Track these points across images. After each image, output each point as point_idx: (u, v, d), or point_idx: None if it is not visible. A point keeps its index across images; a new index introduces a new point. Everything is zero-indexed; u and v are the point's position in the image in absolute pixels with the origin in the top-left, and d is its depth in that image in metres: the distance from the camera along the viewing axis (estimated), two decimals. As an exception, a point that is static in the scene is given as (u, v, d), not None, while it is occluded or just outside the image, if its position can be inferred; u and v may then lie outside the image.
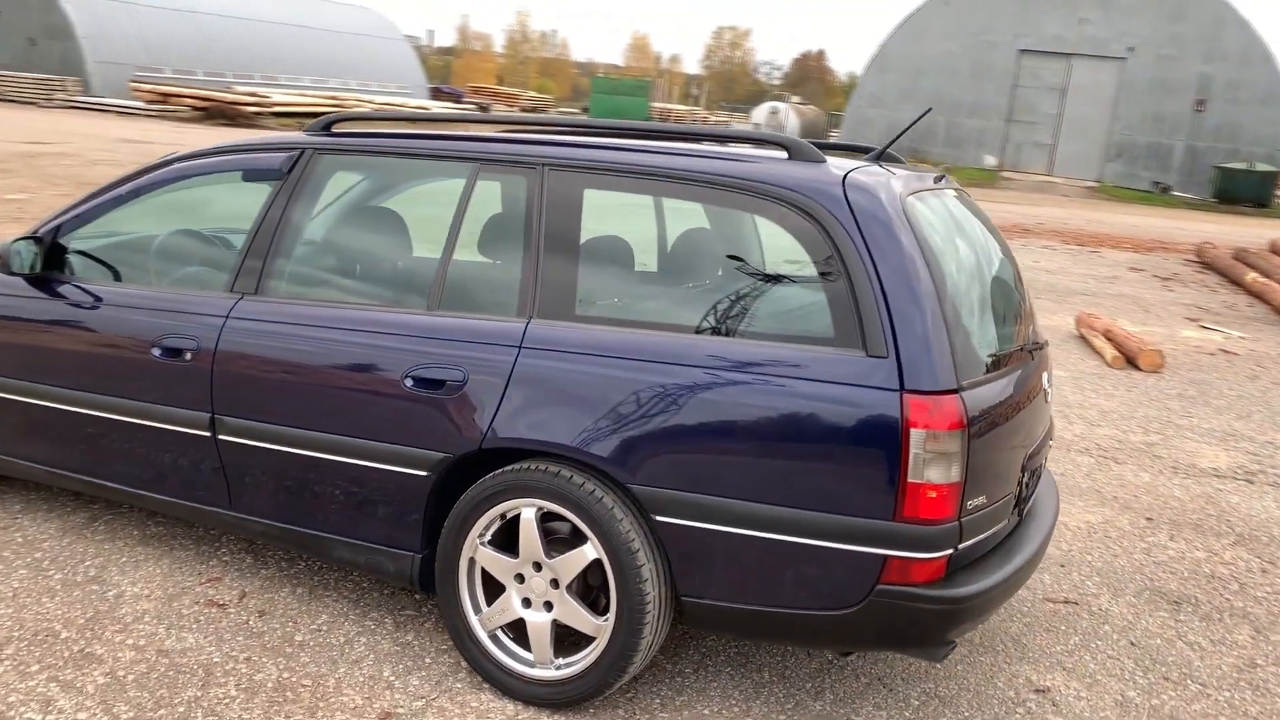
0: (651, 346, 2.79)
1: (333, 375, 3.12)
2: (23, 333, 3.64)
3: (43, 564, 3.56)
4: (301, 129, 3.59)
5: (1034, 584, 4.02)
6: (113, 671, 2.95)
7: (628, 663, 2.81)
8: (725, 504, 2.70)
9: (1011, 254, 3.57)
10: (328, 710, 2.86)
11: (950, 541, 2.63)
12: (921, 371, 2.59)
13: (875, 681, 3.23)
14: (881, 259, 2.66)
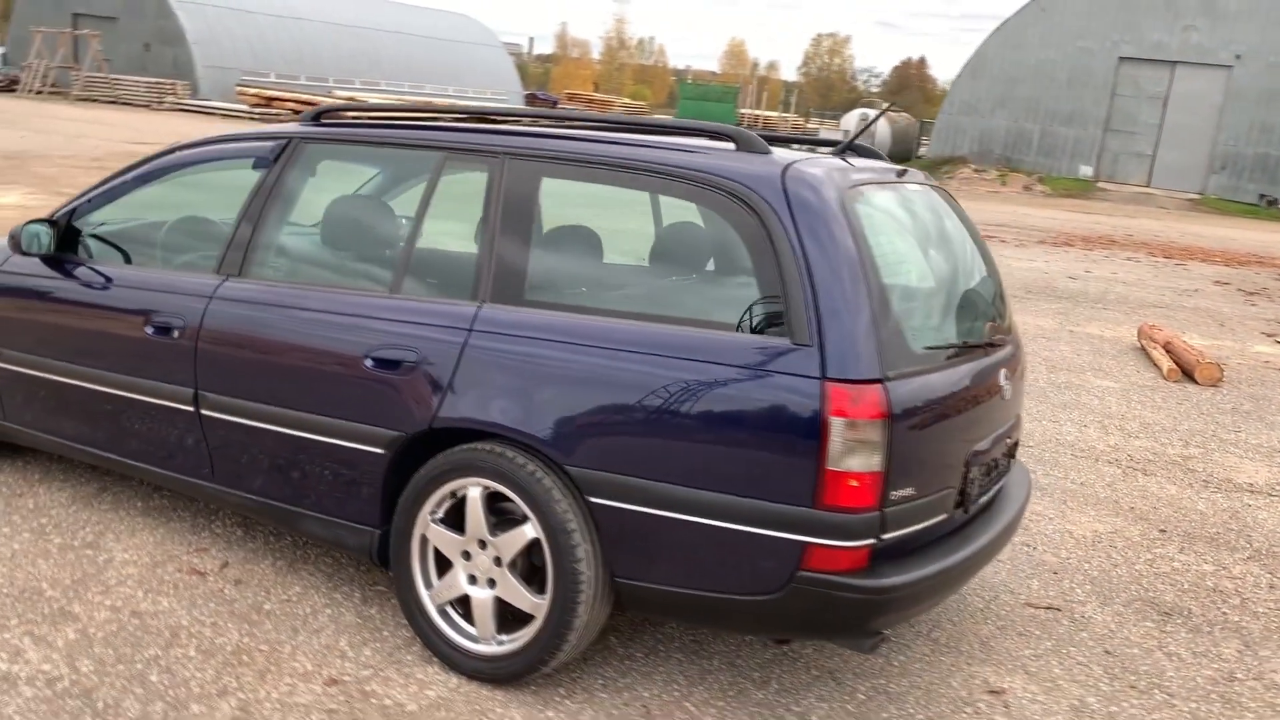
0: (587, 331, 2.85)
1: (303, 354, 3.24)
2: (37, 310, 3.86)
3: (46, 529, 3.77)
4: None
5: (1017, 588, 3.97)
6: (84, 629, 3.12)
7: (562, 641, 2.87)
8: (655, 487, 2.74)
9: (987, 253, 3.54)
10: (277, 674, 2.98)
11: (871, 531, 2.63)
12: (844, 360, 2.59)
13: (825, 674, 3.23)
14: (812, 248, 2.68)
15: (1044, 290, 12.29)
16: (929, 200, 3.36)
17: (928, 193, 3.38)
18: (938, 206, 3.40)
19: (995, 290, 3.45)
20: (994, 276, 3.51)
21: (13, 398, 3.97)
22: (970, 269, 3.34)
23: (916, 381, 2.72)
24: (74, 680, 2.85)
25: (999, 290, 3.50)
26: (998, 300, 3.43)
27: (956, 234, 3.37)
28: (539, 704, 2.94)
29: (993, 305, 3.34)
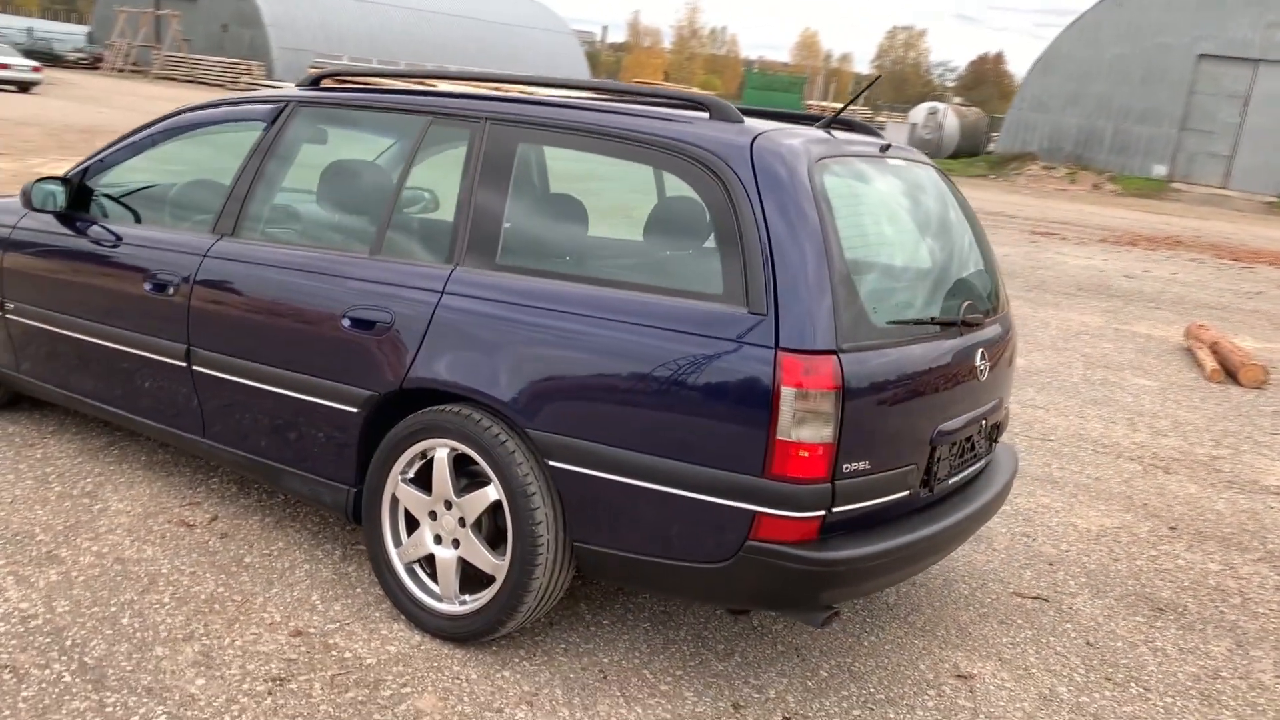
0: (549, 295, 2.86)
1: (286, 313, 3.30)
2: (48, 266, 3.98)
3: (49, 478, 3.89)
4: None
5: (1008, 578, 3.90)
6: (67, 572, 3.22)
7: (519, 603, 2.89)
8: (611, 452, 2.75)
9: (978, 234, 3.48)
10: (245, 623, 3.04)
11: (821, 503, 2.60)
12: (798, 331, 2.57)
13: (790, 650, 3.22)
14: (774, 218, 2.66)
15: (1096, 288, 12.03)
16: (915, 177, 3.32)
17: (915, 169, 3.33)
18: (924, 184, 3.35)
19: (981, 271, 3.39)
20: (984, 257, 3.45)
21: (25, 351, 4.11)
22: (952, 248, 3.29)
23: (875, 355, 2.69)
24: (48, 619, 2.95)
25: (988, 272, 3.45)
26: (983, 281, 3.37)
27: (941, 212, 3.32)
28: (497, 664, 2.97)
29: (974, 285, 3.28)
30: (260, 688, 2.74)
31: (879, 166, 3.15)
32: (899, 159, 3.25)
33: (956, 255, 3.29)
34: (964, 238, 3.36)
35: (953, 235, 3.31)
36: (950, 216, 3.35)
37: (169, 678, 2.74)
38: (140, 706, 2.60)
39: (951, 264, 3.26)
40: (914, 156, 3.39)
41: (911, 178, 3.30)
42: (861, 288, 2.74)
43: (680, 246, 2.96)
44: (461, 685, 2.85)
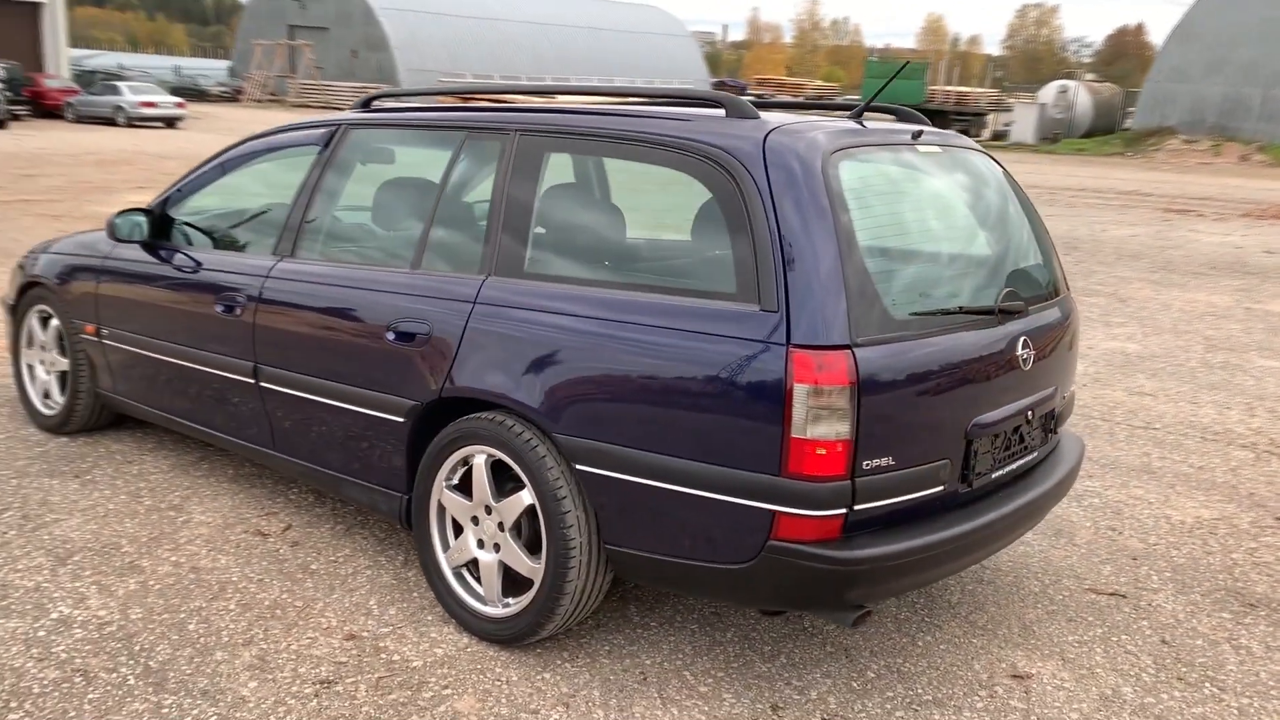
0: (572, 300, 2.89)
1: (337, 328, 3.43)
2: (133, 292, 4.22)
3: (141, 493, 4.12)
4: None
5: (1085, 573, 3.75)
6: (145, 581, 3.41)
7: (555, 605, 2.93)
8: (634, 454, 2.76)
9: (1027, 218, 3.36)
10: (303, 628, 3.17)
11: (841, 501, 2.56)
12: (809, 326, 2.54)
13: (839, 650, 3.16)
14: (784, 214, 2.63)
15: (1230, 266, 11.41)
16: (952, 162, 3.22)
17: (953, 155, 3.24)
18: (963, 169, 3.25)
19: (1029, 256, 3.27)
20: (1034, 242, 3.33)
21: (120, 373, 4.36)
22: (991, 233, 3.18)
23: (894, 348, 2.62)
24: (121, 625, 3.13)
25: (1038, 256, 3.32)
26: (1030, 267, 3.25)
27: (980, 197, 3.22)
28: (540, 665, 3.02)
29: (1017, 271, 3.16)
30: (308, 690, 2.85)
31: (909, 154, 3.07)
32: (933, 145, 3.16)
33: (995, 241, 3.19)
34: (1007, 223, 3.25)
35: (992, 220, 3.21)
36: (991, 201, 3.24)
37: (224, 680, 2.87)
38: (194, 708, 2.74)
39: (989, 250, 3.15)
40: (953, 141, 3.29)
41: (948, 163, 3.21)
42: (879, 280, 2.68)
43: (697, 246, 2.94)
44: (501, 687, 2.91)
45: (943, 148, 3.21)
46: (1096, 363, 6.97)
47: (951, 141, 3.29)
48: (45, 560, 3.51)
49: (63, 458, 4.45)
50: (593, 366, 2.82)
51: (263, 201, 4.19)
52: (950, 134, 3.34)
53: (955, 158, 3.25)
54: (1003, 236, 3.22)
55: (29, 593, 3.30)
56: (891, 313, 2.67)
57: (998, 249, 3.19)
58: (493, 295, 3.06)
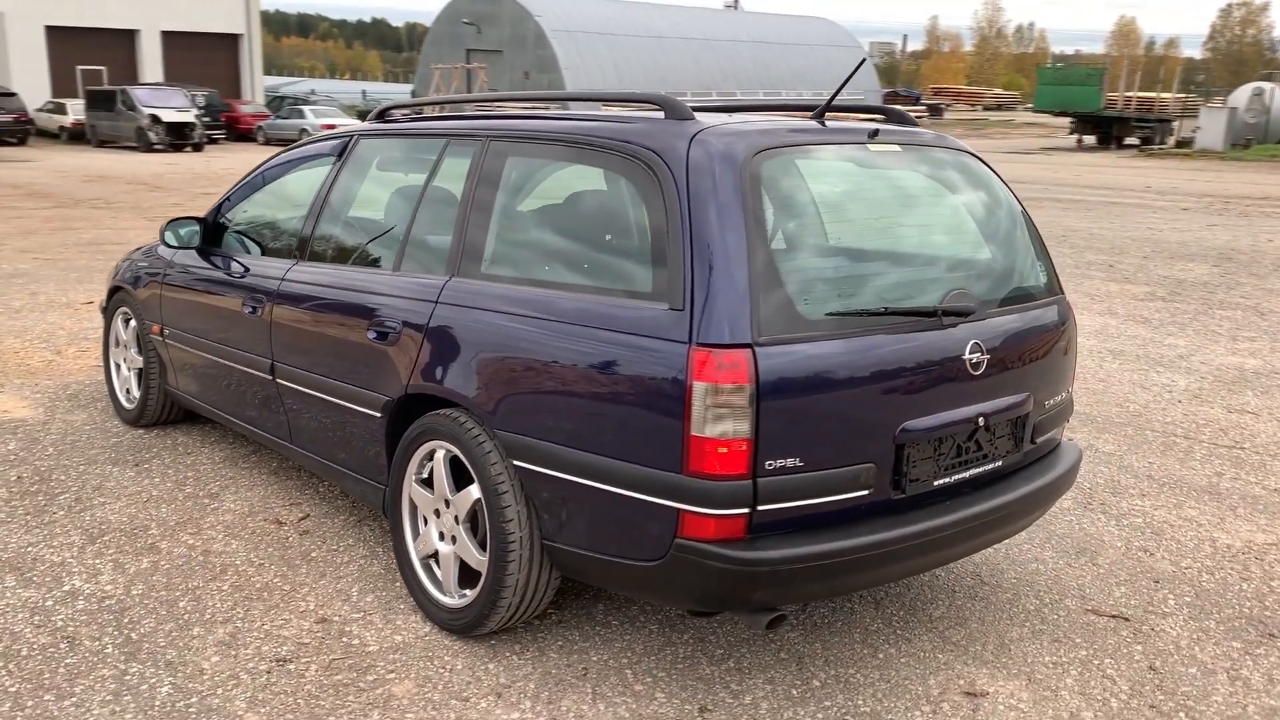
0: (510, 300, 2.97)
1: (333, 327, 3.61)
2: (187, 294, 4.55)
3: (186, 481, 4.43)
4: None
5: (1093, 593, 3.55)
6: (158, 561, 3.67)
7: (498, 598, 3.00)
8: (561, 451, 2.81)
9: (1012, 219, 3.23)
10: (281, 610, 3.35)
11: (742, 500, 2.53)
12: (710, 325, 2.53)
13: (793, 658, 3.11)
14: (695, 214, 2.63)
15: (1401, 277, 10.45)
16: (917, 161, 3.13)
17: (919, 154, 3.15)
18: (930, 168, 3.15)
19: (999, 259, 3.14)
20: (1011, 244, 3.20)
21: (180, 371, 4.70)
22: (953, 234, 3.08)
23: (802, 349, 2.58)
24: (120, 599, 3.38)
25: (1015, 259, 3.19)
26: (996, 269, 3.12)
27: (944, 197, 3.11)
28: (488, 656, 3.09)
29: (975, 273, 3.04)
30: (263, 667, 3.01)
31: (860, 153, 3.01)
32: (892, 144, 3.08)
33: (954, 242, 3.08)
34: (976, 223, 3.13)
35: (954, 221, 3.10)
36: (958, 202, 3.13)
37: (191, 654, 3.07)
38: (154, 676, 2.94)
39: (942, 251, 3.05)
40: (923, 140, 3.20)
41: (909, 162, 3.12)
42: (793, 280, 2.64)
43: (625, 246, 2.97)
44: (443, 674, 3.00)
45: (905, 146, 3.12)
46: (1204, 378, 6.54)
47: (921, 140, 3.20)
48: (79, 538, 3.83)
49: (131, 448, 4.82)
50: (526, 365, 2.89)
51: (291, 207, 4.43)
52: (924, 133, 3.25)
53: (921, 156, 3.16)
54: (966, 237, 3.11)
55: (53, 566, 3.60)
56: (804, 313, 2.62)
57: (955, 250, 3.08)
58: (452, 296, 3.17)
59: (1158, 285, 9.87)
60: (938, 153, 3.23)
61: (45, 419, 5.22)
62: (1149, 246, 12.49)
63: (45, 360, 6.40)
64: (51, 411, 5.34)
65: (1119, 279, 10.18)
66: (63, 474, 4.47)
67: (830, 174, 2.98)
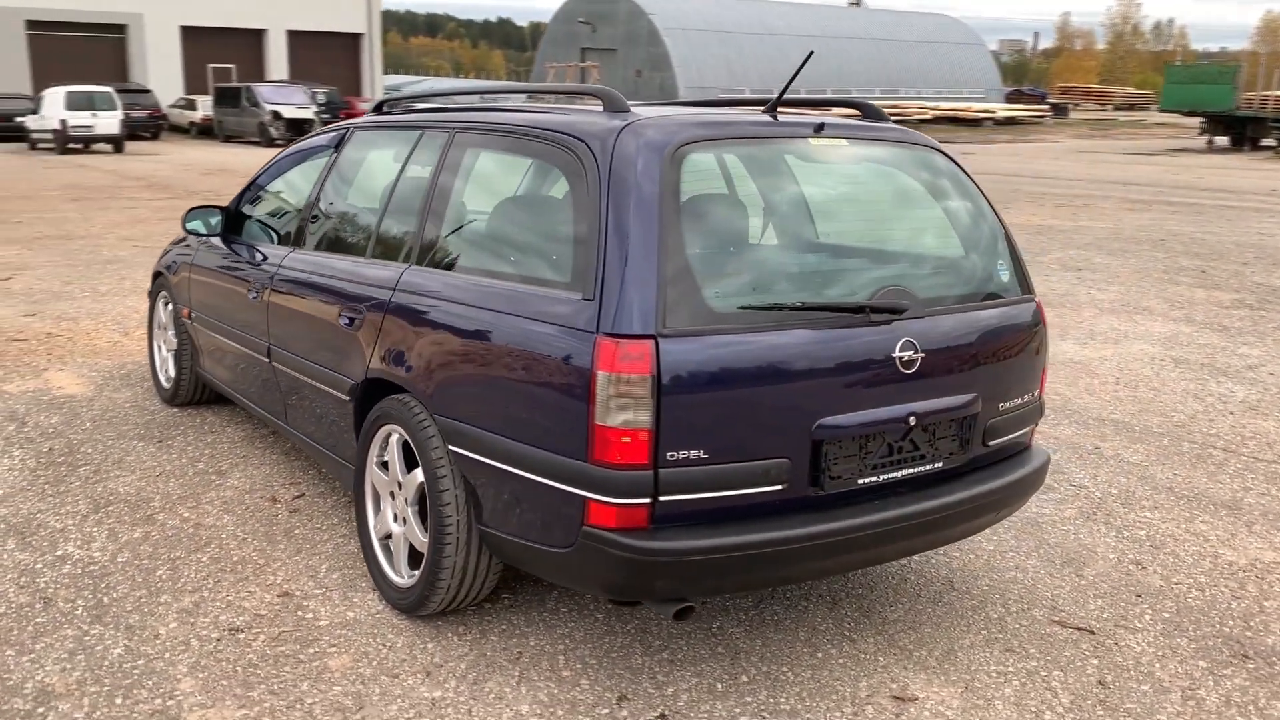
0: (449, 287, 3.03)
1: (314, 312, 3.74)
2: (204, 280, 4.75)
3: (200, 458, 4.63)
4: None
5: (1065, 604, 3.44)
6: (148, 532, 3.85)
7: (436, 580, 3.06)
8: (489, 437, 2.86)
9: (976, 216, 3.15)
10: (251, 583, 3.48)
11: (644, 490, 2.54)
12: (616, 315, 2.54)
13: (729, 653, 3.10)
14: (612, 205, 2.65)
15: None
16: (866, 156, 3.08)
17: (866, 148, 3.09)
18: (881, 163, 3.09)
19: (955, 256, 3.06)
20: (972, 242, 3.12)
21: (203, 352, 4.92)
22: (899, 230, 3.01)
23: (709, 341, 2.57)
24: (104, 565, 3.57)
25: (974, 257, 3.11)
26: (955, 266, 3.04)
27: (885, 194, 3.05)
28: (430, 635, 3.17)
29: (915, 270, 2.97)
30: (215, 635, 3.15)
31: (803, 146, 2.97)
32: (839, 139, 3.02)
33: (897, 238, 3.01)
34: (925, 220, 3.06)
35: (899, 217, 3.03)
36: (907, 198, 3.07)
37: (153, 620, 3.22)
38: (110, 638, 3.10)
39: (881, 246, 2.99)
40: (881, 136, 3.13)
41: (858, 157, 3.07)
42: (704, 273, 2.63)
43: (555, 235, 2.99)
44: (381, 651, 3.08)
45: (856, 141, 3.07)
46: (1267, 390, 6.21)
47: (881, 136, 3.14)
48: (85, 507, 4.05)
49: (161, 425, 5.06)
50: (459, 352, 2.95)
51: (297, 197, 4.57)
52: (889, 129, 3.19)
53: (878, 152, 3.11)
54: (913, 234, 3.04)
55: (53, 532, 3.82)
56: (714, 306, 2.61)
57: (899, 246, 3.02)
58: (406, 284, 3.25)
59: (1248, 293, 9.40)
60: (900, 149, 3.17)
61: (93, 396, 5.52)
62: (1252, 252, 11.90)
63: (112, 341, 6.75)
64: (100, 389, 5.64)
65: (1207, 285, 9.73)
66: (90, 447, 4.72)
67: (766, 168, 2.96)
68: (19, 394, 5.53)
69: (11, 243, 11.18)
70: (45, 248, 10.85)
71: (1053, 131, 43.19)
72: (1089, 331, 7.66)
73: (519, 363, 2.77)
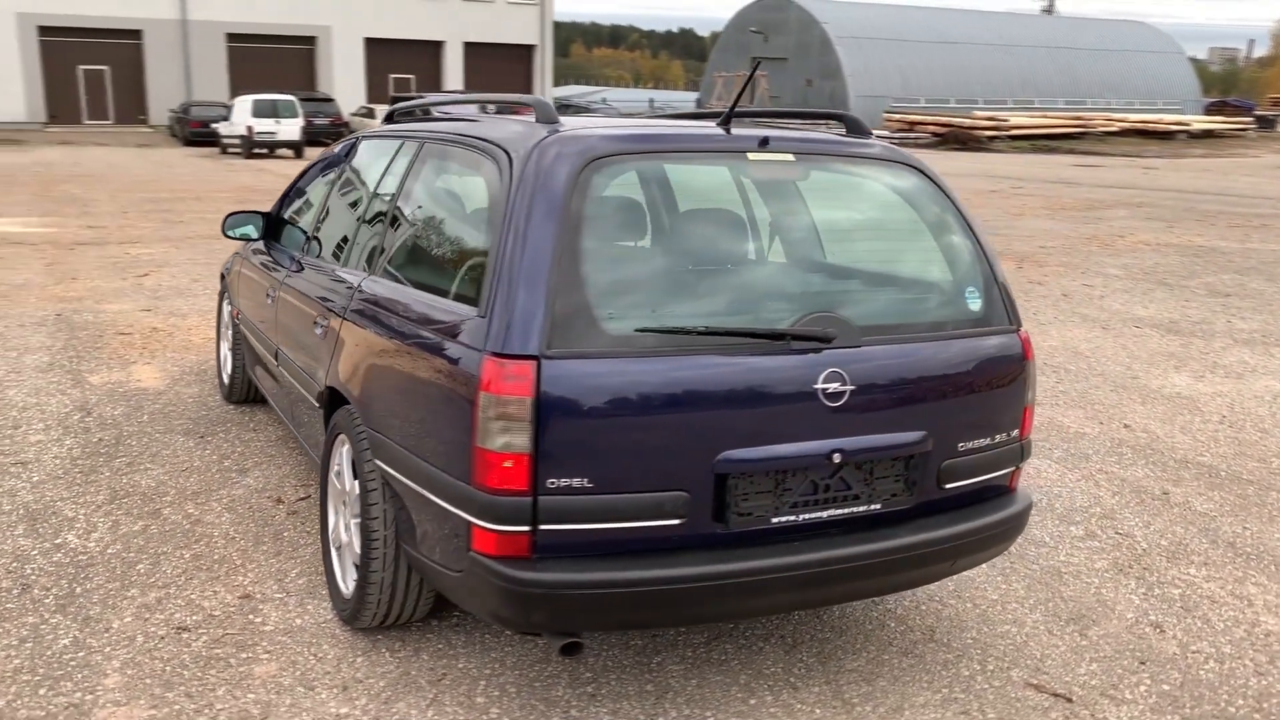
0: (377, 300, 3.00)
1: (301, 318, 3.78)
2: (247, 283, 4.89)
3: (229, 456, 4.76)
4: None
5: (1051, 668, 3.12)
6: (148, 526, 3.97)
7: (365, 595, 3.03)
8: (402, 453, 2.80)
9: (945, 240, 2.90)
10: (220, 582, 3.53)
11: (522, 518, 2.43)
12: (502, 334, 2.45)
13: (656, 691, 2.94)
14: (513, 220, 2.55)
15: None
16: (814, 171, 2.87)
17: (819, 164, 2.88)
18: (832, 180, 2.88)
19: (886, 280, 2.83)
20: (910, 266, 2.87)
21: (247, 351, 5.07)
22: (836, 252, 2.78)
23: (597, 364, 2.43)
24: (93, 556, 3.69)
25: (911, 282, 2.86)
26: (886, 291, 2.80)
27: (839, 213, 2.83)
28: (365, 649, 3.13)
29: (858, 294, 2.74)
30: (163, 631, 3.20)
31: (739, 163, 2.79)
32: (787, 154, 2.82)
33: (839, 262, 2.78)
34: (881, 244, 2.83)
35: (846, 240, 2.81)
36: (863, 219, 2.84)
37: (111, 613, 3.31)
38: (64, 627, 3.20)
39: (817, 271, 2.76)
40: (837, 150, 2.92)
41: (805, 173, 2.86)
42: (600, 293, 2.50)
43: (469, 249, 2.90)
44: (309, 661, 3.07)
45: (806, 156, 2.86)
46: (1398, 437, 5.54)
47: (836, 150, 2.92)
48: (103, 498, 4.22)
49: (210, 421, 5.24)
50: (383, 364, 2.92)
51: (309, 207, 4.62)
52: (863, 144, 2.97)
53: (831, 167, 2.89)
54: (861, 258, 2.82)
55: (63, 520, 3.99)
56: (607, 328, 2.48)
57: (841, 271, 2.79)
58: (360, 293, 3.24)
59: None
60: (865, 165, 2.95)
61: (163, 390, 5.77)
62: None
63: (205, 338, 7.06)
64: (173, 384, 5.90)
65: (1371, 317, 8.80)
66: (136, 440, 4.93)
67: (701, 183, 2.79)
68: (99, 385, 5.84)
69: (164, 241, 11.90)
70: (192, 246, 11.50)
71: (1255, 146, 40.22)
72: (1211, 364, 7.04)
73: (427, 378, 2.71)
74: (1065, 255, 11.85)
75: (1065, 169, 27.05)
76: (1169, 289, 9.87)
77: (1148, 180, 23.49)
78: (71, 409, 5.37)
